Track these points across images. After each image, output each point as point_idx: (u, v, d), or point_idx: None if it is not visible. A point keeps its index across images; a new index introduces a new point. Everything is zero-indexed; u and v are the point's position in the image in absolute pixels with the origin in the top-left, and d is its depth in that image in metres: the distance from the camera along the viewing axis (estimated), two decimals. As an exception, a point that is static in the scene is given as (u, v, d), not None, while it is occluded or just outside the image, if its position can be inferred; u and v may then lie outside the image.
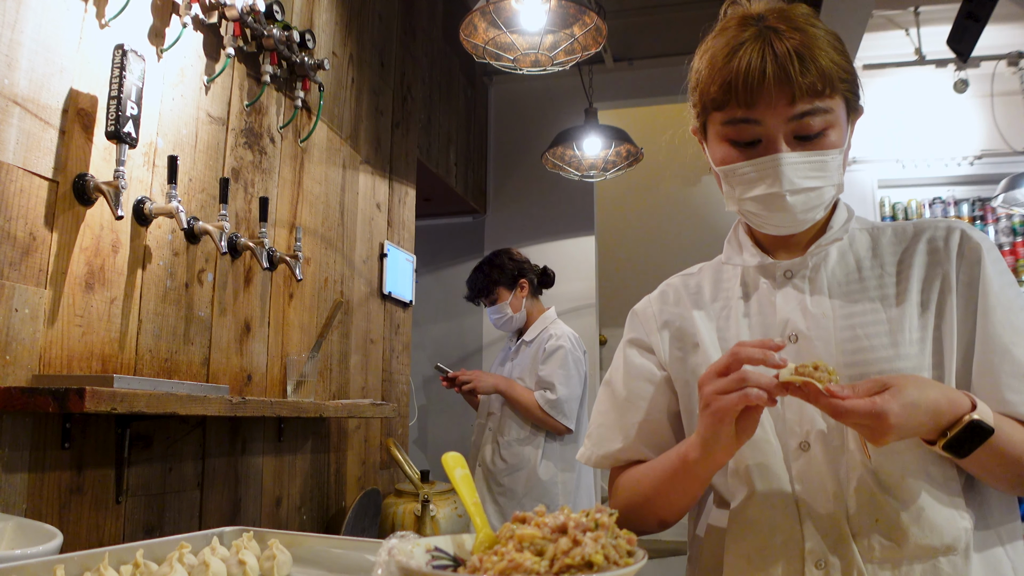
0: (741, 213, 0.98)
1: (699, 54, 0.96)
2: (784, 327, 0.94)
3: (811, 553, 0.86)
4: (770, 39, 0.87)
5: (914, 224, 0.99)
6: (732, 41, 0.89)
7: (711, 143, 0.96)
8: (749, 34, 0.89)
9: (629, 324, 1.11)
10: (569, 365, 2.75)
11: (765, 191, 0.90)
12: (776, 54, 0.86)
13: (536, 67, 2.31)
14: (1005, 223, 4.03)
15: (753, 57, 0.86)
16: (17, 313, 1.30)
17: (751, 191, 0.92)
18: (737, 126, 0.90)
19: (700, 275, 1.09)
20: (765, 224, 0.95)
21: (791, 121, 0.88)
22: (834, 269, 0.96)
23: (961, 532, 0.84)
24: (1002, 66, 4.02)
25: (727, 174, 0.94)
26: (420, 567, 0.66)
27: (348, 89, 2.48)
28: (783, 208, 0.90)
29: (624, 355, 1.08)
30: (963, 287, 0.91)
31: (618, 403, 1.05)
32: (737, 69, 0.87)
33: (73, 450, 1.39)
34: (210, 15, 1.80)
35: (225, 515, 1.84)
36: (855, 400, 0.75)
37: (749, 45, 0.88)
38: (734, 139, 0.92)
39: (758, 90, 0.86)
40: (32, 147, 1.35)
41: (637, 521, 0.99)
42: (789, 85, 0.86)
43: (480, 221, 4.35)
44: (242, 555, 0.91)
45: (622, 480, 1.03)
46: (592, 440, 1.06)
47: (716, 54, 0.91)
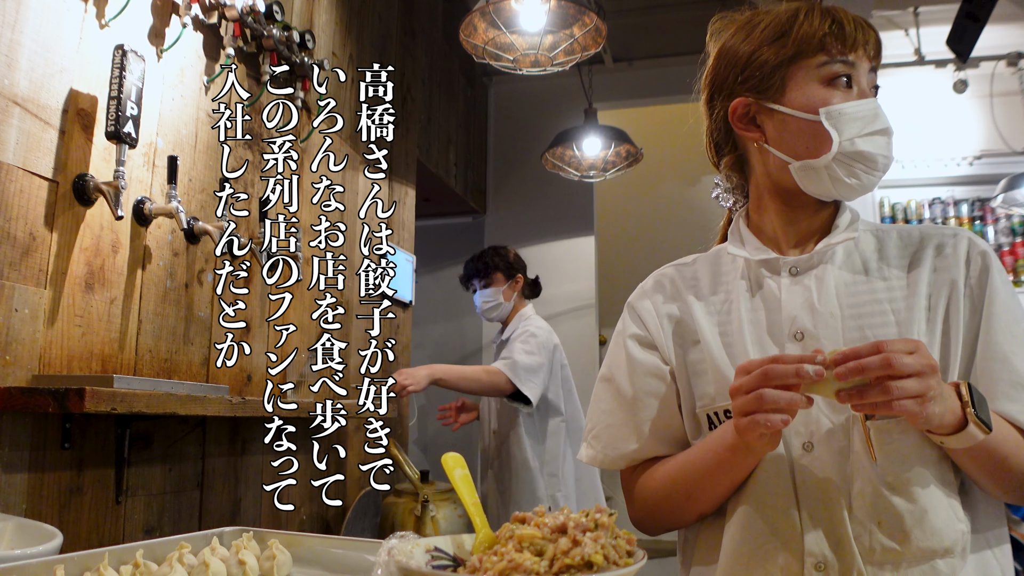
0: (838, 162, 0.92)
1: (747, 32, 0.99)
2: (790, 324, 0.94)
3: (810, 554, 0.86)
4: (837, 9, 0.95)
5: (920, 229, 0.99)
6: (802, 6, 0.96)
7: (798, 93, 0.94)
8: (816, 4, 0.96)
9: (627, 317, 1.07)
10: (531, 342, 2.68)
11: (880, 126, 0.92)
12: (852, 16, 0.95)
13: (536, 67, 2.31)
14: (1004, 223, 4.03)
15: (844, 14, 0.95)
16: (17, 313, 1.30)
17: (870, 127, 0.92)
18: (838, 67, 0.93)
19: (696, 266, 1.07)
20: (864, 171, 0.92)
21: (870, 73, 0.95)
22: (841, 268, 0.96)
23: (959, 535, 0.85)
24: (1001, 66, 4.02)
25: (835, 114, 0.92)
26: (420, 567, 0.66)
27: (348, 89, 2.48)
28: (887, 147, 0.93)
29: (625, 350, 1.04)
30: (970, 294, 0.92)
31: (625, 401, 1.02)
32: (831, 17, 0.94)
33: (73, 450, 1.39)
34: (210, 15, 1.80)
35: (225, 515, 1.84)
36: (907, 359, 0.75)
37: (828, 8, 0.96)
38: (834, 81, 0.94)
39: (853, 35, 0.93)
40: (32, 147, 1.35)
41: (674, 516, 0.98)
42: (875, 37, 0.94)
43: (480, 221, 4.35)
44: (242, 555, 0.91)
45: (648, 479, 1.01)
46: (601, 441, 1.03)
47: (795, 15, 0.96)
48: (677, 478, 0.96)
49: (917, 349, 0.76)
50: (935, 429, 0.81)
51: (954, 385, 0.81)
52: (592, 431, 1.05)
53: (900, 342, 0.76)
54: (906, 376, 0.74)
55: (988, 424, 0.79)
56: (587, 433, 1.06)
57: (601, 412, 1.04)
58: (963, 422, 0.79)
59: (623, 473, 1.05)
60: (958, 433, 0.80)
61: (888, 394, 0.74)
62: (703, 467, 0.92)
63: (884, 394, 0.74)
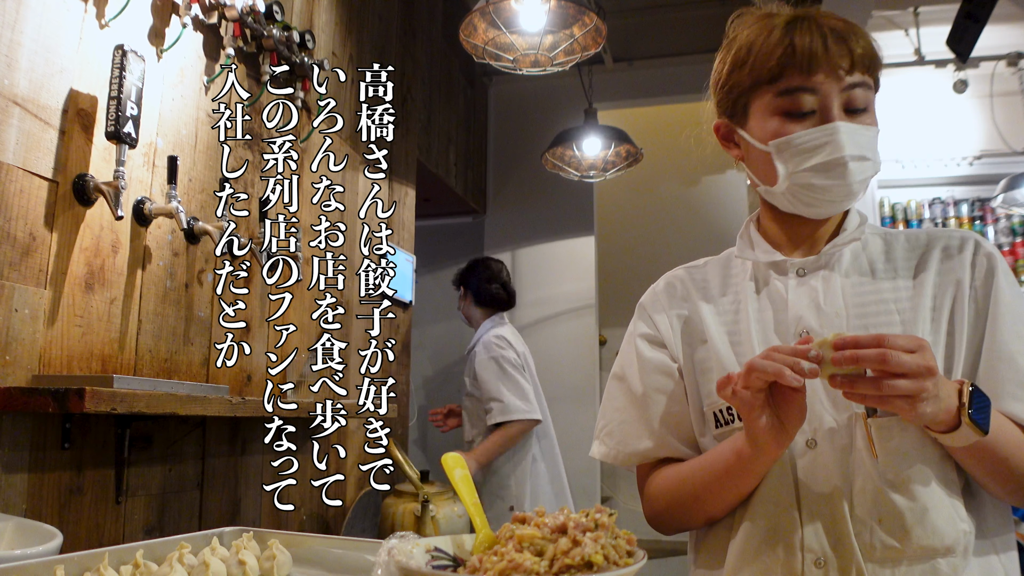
0: (791, 192, 0.94)
1: (727, 48, 0.98)
2: (796, 324, 0.94)
3: (810, 550, 0.87)
4: (816, 19, 0.92)
5: (927, 232, 1.00)
6: (779, 23, 0.93)
7: (756, 121, 0.95)
8: (796, 16, 0.93)
9: (637, 317, 1.09)
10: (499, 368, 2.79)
11: (825, 158, 0.90)
12: (831, 28, 0.90)
13: (536, 67, 2.31)
14: (1004, 223, 4.03)
15: (811, 31, 0.91)
16: (17, 313, 1.30)
17: (809, 160, 0.91)
18: (793, 96, 0.91)
19: (706, 269, 1.09)
20: (816, 201, 0.94)
21: (844, 92, 0.91)
22: (847, 270, 0.97)
23: (960, 535, 0.85)
24: (1001, 66, 4.01)
25: (782, 147, 0.92)
26: (420, 567, 0.66)
27: (348, 89, 2.48)
28: (843, 175, 0.90)
29: (636, 349, 1.05)
30: (976, 295, 0.92)
31: (636, 399, 1.03)
32: (795, 41, 0.90)
33: (73, 450, 1.39)
34: (210, 15, 1.80)
35: (225, 515, 1.84)
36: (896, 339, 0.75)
37: (801, 23, 0.92)
38: (788, 110, 0.92)
39: (820, 57, 0.90)
40: (32, 147, 1.35)
41: (683, 518, 0.99)
42: (849, 54, 0.90)
43: (480, 221, 4.35)
44: (242, 555, 0.91)
45: (660, 479, 1.02)
46: (614, 438, 1.04)
47: (758, 37, 0.94)
48: (689, 479, 0.97)
49: (919, 348, 0.75)
50: (930, 426, 0.81)
51: (958, 383, 0.81)
52: (604, 428, 1.06)
53: (904, 338, 0.76)
54: (900, 375, 0.74)
55: (983, 427, 0.79)
56: (599, 431, 1.07)
57: (613, 410, 1.06)
58: (957, 421, 0.79)
59: (638, 471, 1.07)
60: (952, 432, 0.80)
61: (877, 390, 0.75)
62: (712, 472, 0.93)
63: (874, 389, 0.75)
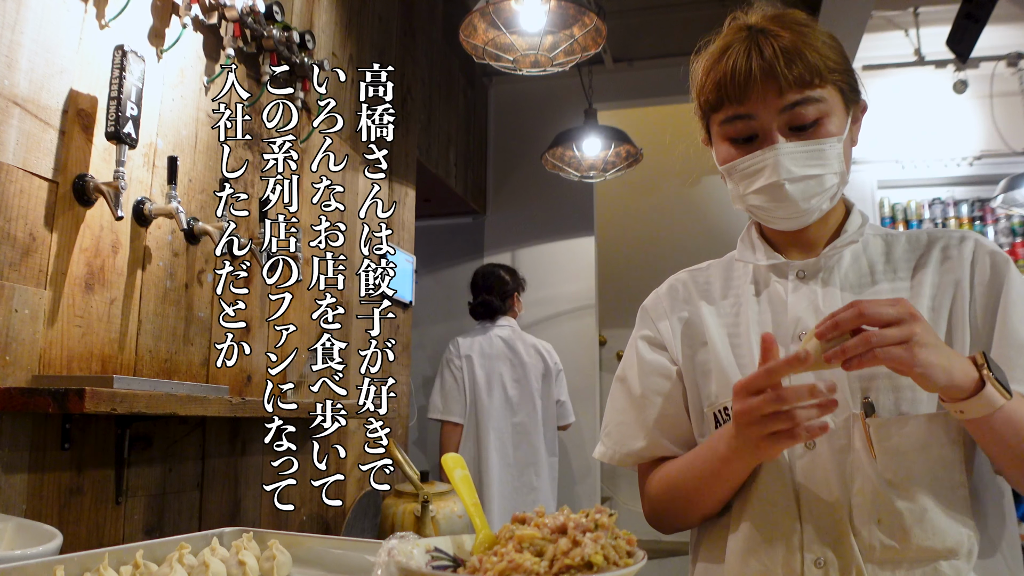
0: (748, 211, 0.99)
1: (695, 63, 1.00)
2: (795, 325, 0.95)
3: (810, 551, 0.87)
4: (758, 40, 0.91)
5: (928, 233, 1.00)
6: (723, 45, 0.94)
7: (715, 145, 0.99)
8: (739, 37, 0.93)
9: (640, 320, 1.11)
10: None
11: (765, 182, 0.92)
12: (762, 51, 0.89)
13: (536, 68, 2.31)
14: (1004, 224, 4.03)
15: (739, 56, 0.90)
16: (17, 313, 1.30)
17: (753, 184, 0.93)
18: (733, 123, 0.93)
19: (709, 271, 1.10)
20: (772, 219, 0.97)
21: (783, 112, 0.90)
22: (847, 272, 0.97)
23: (964, 537, 0.84)
24: (1001, 67, 4.02)
25: (730, 171, 0.96)
26: (420, 568, 0.66)
27: (348, 89, 2.48)
28: (784, 198, 0.91)
29: (636, 351, 1.08)
30: (980, 292, 0.92)
31: (634, 400, 1.05)
32: (726, 68, 0.91)
33: (73, 451, 1.39)
34: (210, 16, 1.80)
35: (225, 515, 1.84)
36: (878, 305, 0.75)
37: (737, 46, 0.92)
38: (733, 137, 0.95)
39: (746, 85, 0.90)
40: (32, 148, 1.35)
41: (679, 516, 1.00)
42: (775, 78, 0.89)
43: (480, 222, 4.35)
44: (242, 556, 0.91)
45: (656, 479, 1.03)
46: (612, 439, 1.06)
47: (708, 59, 0.95)
48: (677, 482, 0.99)
49: (898, 302, 0.76)
50: (948, 394, 0.78)
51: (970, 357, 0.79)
52: (605, 428, 1.09)
53: (880, 300, 0.76)
54: (884, 324, 0.74)
55: (1007, 387, 0.77)
56: (602, 431, 1.10)
57: (614, 411, 1.09)
58: (980, 384, 0.77)
59: (639, 471, 1.09)
60: (975, 397, 0.77)
61: (867, 343, 0.74)
62: (700, 474, 0.94)
63: (864, 344, 0.74)
